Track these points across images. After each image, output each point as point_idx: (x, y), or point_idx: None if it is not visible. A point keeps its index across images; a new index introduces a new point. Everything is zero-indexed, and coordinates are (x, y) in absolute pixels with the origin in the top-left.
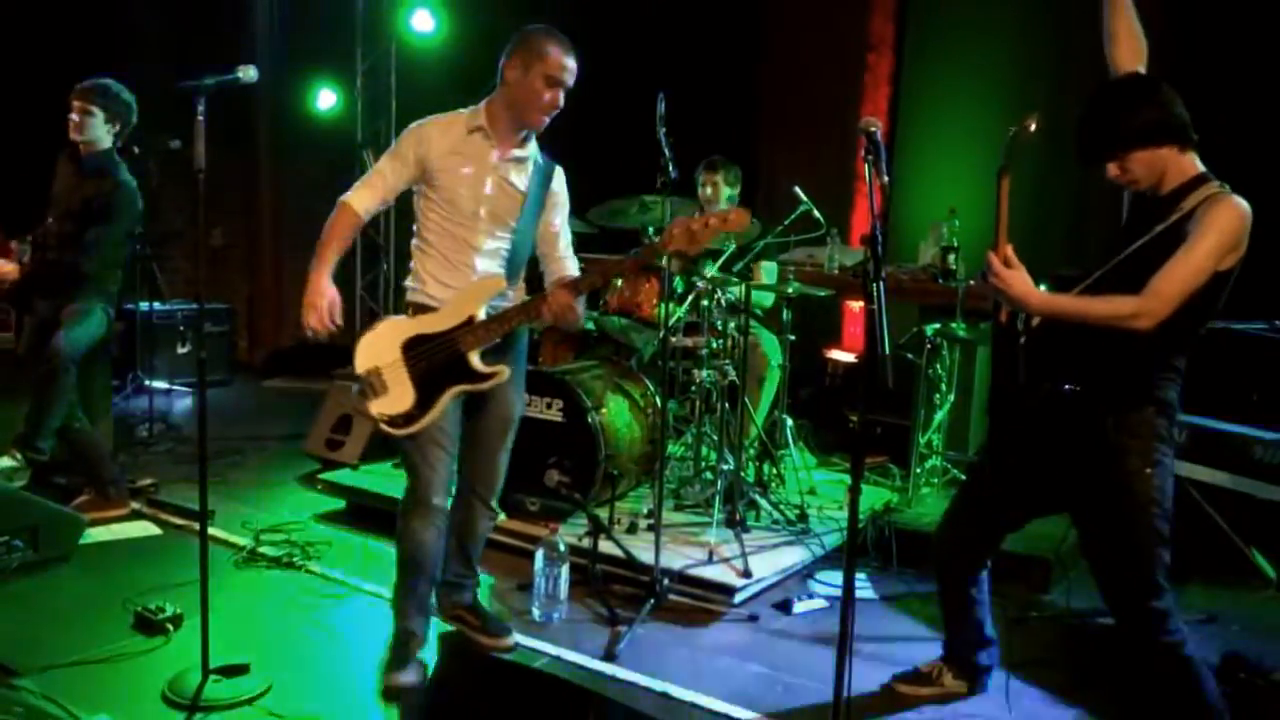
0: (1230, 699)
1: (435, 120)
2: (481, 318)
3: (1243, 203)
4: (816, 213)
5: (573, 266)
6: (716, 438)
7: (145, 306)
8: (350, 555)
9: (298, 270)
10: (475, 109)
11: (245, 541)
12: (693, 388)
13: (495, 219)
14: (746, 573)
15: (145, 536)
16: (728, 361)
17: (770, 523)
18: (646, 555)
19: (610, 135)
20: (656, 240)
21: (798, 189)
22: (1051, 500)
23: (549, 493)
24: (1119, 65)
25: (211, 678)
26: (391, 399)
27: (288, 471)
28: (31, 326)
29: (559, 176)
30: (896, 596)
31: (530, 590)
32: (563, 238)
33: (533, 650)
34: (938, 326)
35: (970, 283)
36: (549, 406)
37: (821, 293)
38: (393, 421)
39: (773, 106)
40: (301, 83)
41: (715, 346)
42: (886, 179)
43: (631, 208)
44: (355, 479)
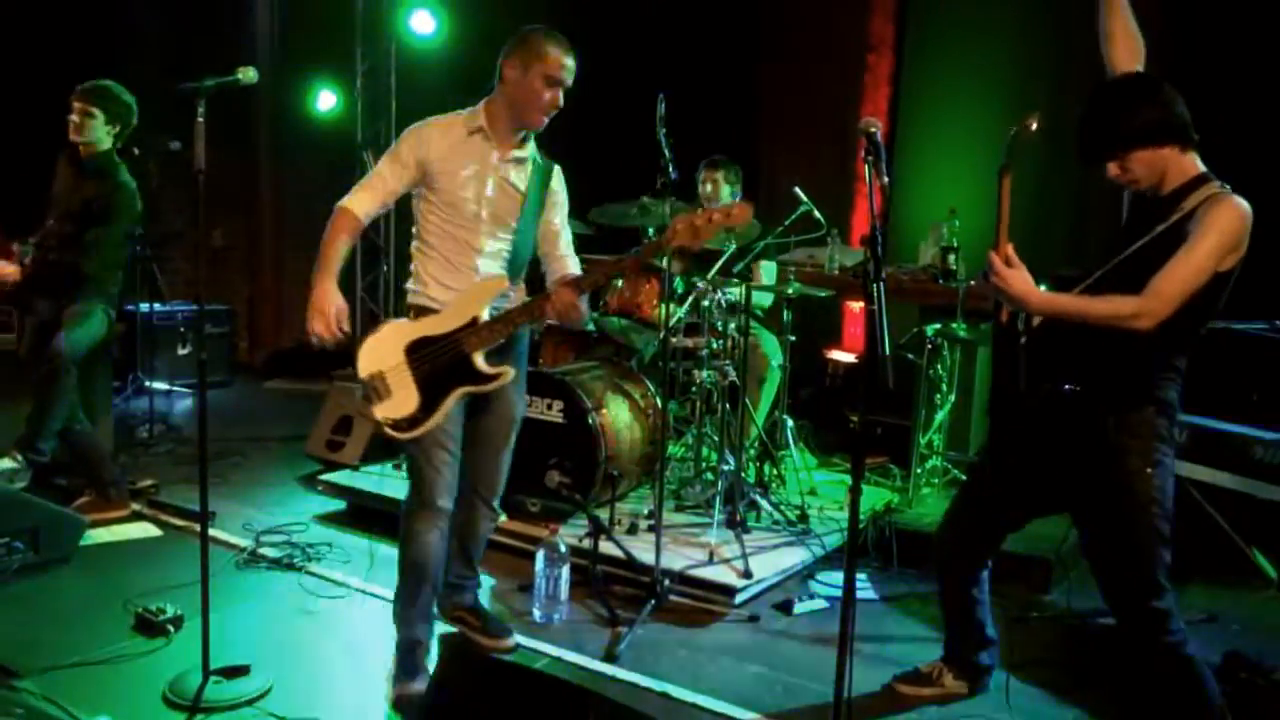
0: (1231, 699)
1: (435, 122)
2: (485, 319)
3: (1243, 203)
4: (817, 213)
5: (574, 265)
6: (717, 438)
7: (146, 308)
8: (351, 556)
9: (298, 271)
10: (474, 110)
11: (246, 543)
12: (693, 388)
13: (496, 220)
14: (747, 573)
15: (146, 538)
16: (728, 362)
17: (771, 523)
18: (647, 556)
19: (610, 136)
20: (659, 237)
21: (798, 189)
22: (1052, 500)
23: (550, 494)
24: (1116, 65)
25: (212, 679)
26: (396, 402)
27: (288, 472)
28: (32, 327)
29: (558, 175)
30: (897, 597)
31: (531, 591)
32: (563, 237)
33: (533, 651)
34: (938, 327)
35: (971, 283)
36: (549, 407)
37: (822, 293)
38: (397, 425)
39: (773, 107)
40: (301, 84)
41: (715, 347)
42: (886, 179)
43: (631, 209)
44: (356, 480)
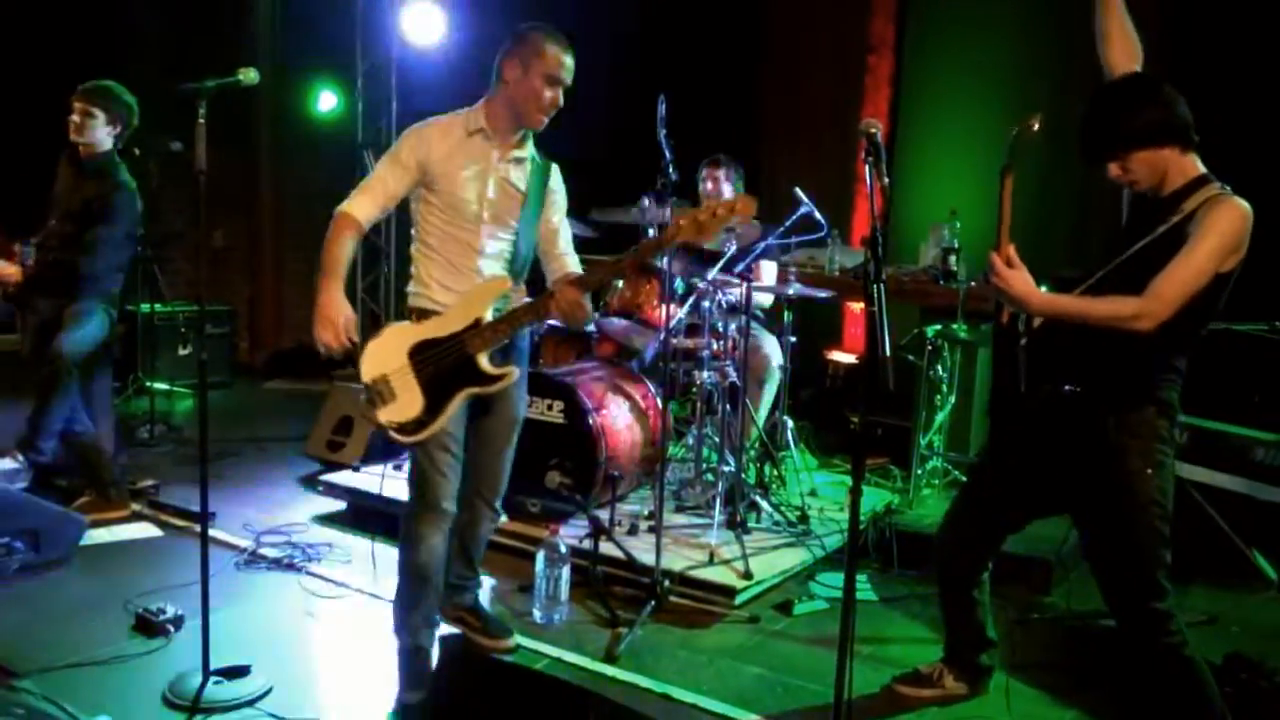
0: (1231, 700)
1: (434, 123)
2: (488, 319)
3: (1244, 204)
4: (817, 214)
5: (574, 263)
6: (718, 439)
7: (146, 308)
8: (351, 557)
9: (298, 272)
10: (473, 110)
11: (246, 543)
12: (693, 389)
13: (497, 220)
14: (747, 574)
15: (146, 538)
16: (729, 363)
17: (771, 524)
18: (647, 557)
19: (610, 137)
20: (662, 234)
21: (798, 190)
22: (1052, 501)
23: (550, 494)
24: (1113, 66)
25: (212, 679)
26: (400, 406)
27: (289, 473)
28: (33, 327)
29: (555, 174)
30: (897, 598)
31: (531, 592)
32: (562, 235)
33: (534, 652)
34: (939, 328)
35: (972, 284)
36: (550, 408)
37: (822, 294)
38: (403, 429)
39: (773, 108)
40: (302, 84)
41: (716, 348)
42: (887, 180)
43: (632, 210)
44: (356, 480)
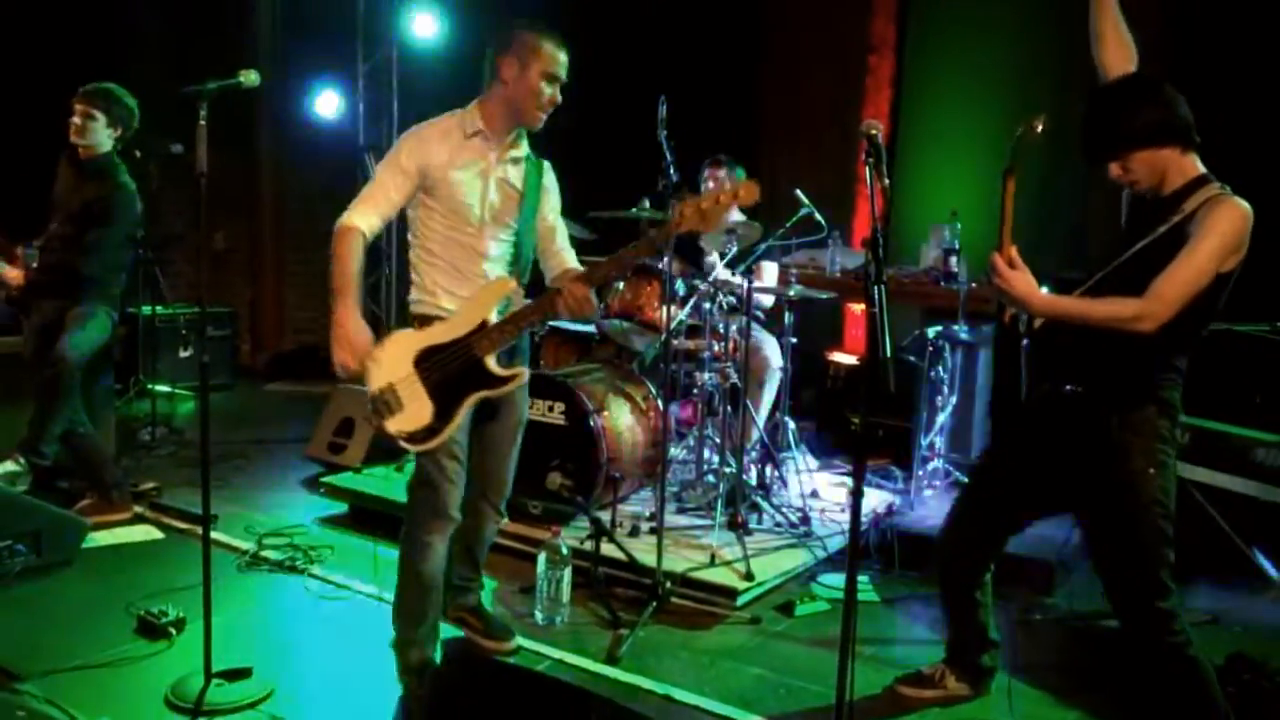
0: (1234, 700)
1: (432, 125)
2: (494, 321)
3: (1244, 204)
4: (818, 215)
5: (571, 259)
6: (718, 440)
7: (148, 310)
8: (353, 559)
9: (299, 274)
10: (467, 111)
11: (248, 545)
12: (694, 390)
13: (498, 221)
14: (748, 575)
15: (148, 540)
16: (730, 364)
17: (772, 525)
18: (648, 558)
19: (610, 137)
20: (665, 225)
21: (799, 191)
22: (1055, 501)
23: (551, 496)
24: (1107, 67)
25: (214, 682)
26: (409, 415)
27: (290, 475)
28: (34, 329)
29: (548, 171)
30: (899, 599)
31: (533, 593)
32: (559, 232)
33: (535, 653)
34: (939, 329)
35: (973, 285)
36: (551, 409)
37: (823, 295)
38: (413, 438)
39: (774, 109)
40: (303, 86)
41: (717, 349)
42: (888, 182)
43: (631, 211)
44: (358, 482)
